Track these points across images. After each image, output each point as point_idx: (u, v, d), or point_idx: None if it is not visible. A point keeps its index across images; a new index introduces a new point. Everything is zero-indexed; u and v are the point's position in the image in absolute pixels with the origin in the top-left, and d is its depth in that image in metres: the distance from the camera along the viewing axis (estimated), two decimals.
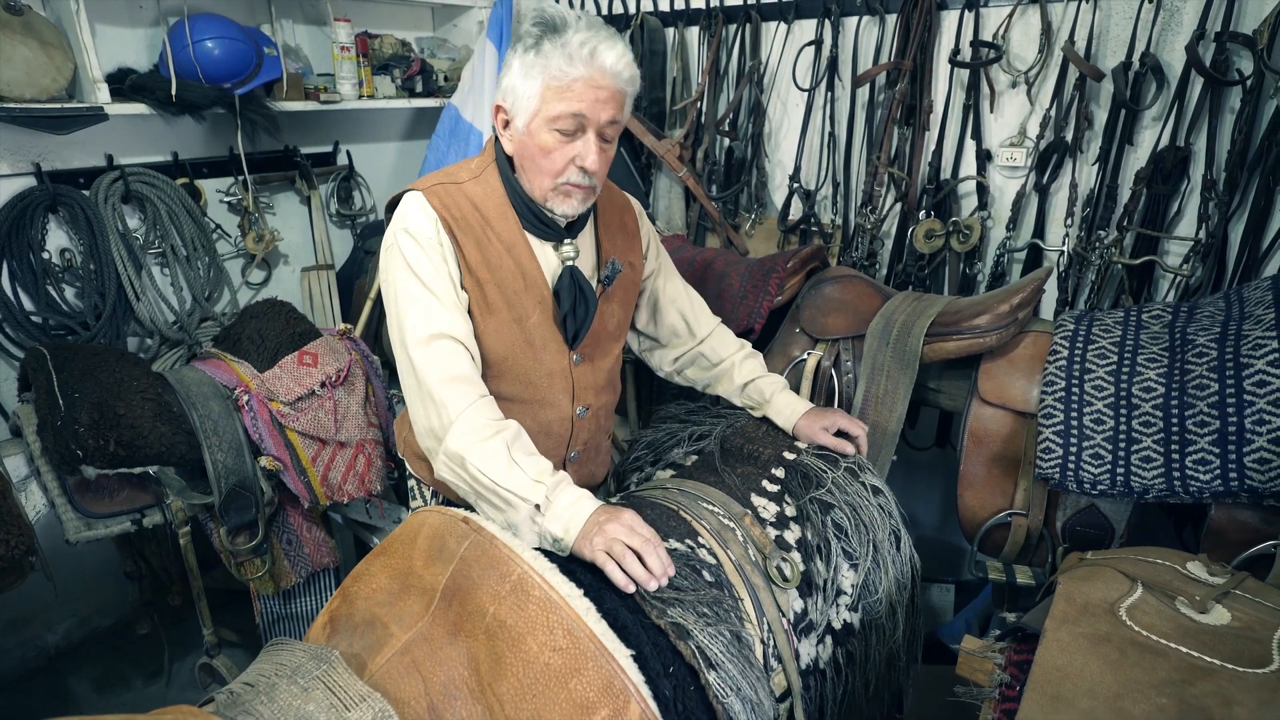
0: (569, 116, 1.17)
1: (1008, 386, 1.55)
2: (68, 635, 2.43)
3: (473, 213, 1.26)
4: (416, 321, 1.20)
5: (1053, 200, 1.99)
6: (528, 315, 1.30)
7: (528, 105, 1.19)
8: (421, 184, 1.27)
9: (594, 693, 0.85)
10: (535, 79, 1.17)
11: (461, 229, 1.24)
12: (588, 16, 1.19)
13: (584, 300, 1.31)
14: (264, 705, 0.83)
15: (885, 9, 2.10)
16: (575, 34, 1.15)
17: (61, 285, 2.12)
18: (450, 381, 1.18)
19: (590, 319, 1.33)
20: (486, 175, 1.29)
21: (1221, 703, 0.92)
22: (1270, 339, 1.25)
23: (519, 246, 1.29)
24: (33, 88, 1.85)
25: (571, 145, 1.20)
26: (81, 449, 1.51)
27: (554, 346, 1.34)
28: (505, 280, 1.27)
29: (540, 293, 1.30)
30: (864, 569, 1.29)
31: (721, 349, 1.57)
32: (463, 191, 1.27)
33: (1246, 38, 1.62)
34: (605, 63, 1.16)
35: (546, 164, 1.21)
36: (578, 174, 1.22)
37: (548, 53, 1.15)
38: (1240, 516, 1.30)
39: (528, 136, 1.21)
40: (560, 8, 1.24)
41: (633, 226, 1.47)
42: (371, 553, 1.06)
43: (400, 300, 1.22)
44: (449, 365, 1.19)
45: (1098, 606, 1.12)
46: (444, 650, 0.90)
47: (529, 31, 1.18)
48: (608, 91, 1.18)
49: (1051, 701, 0.99)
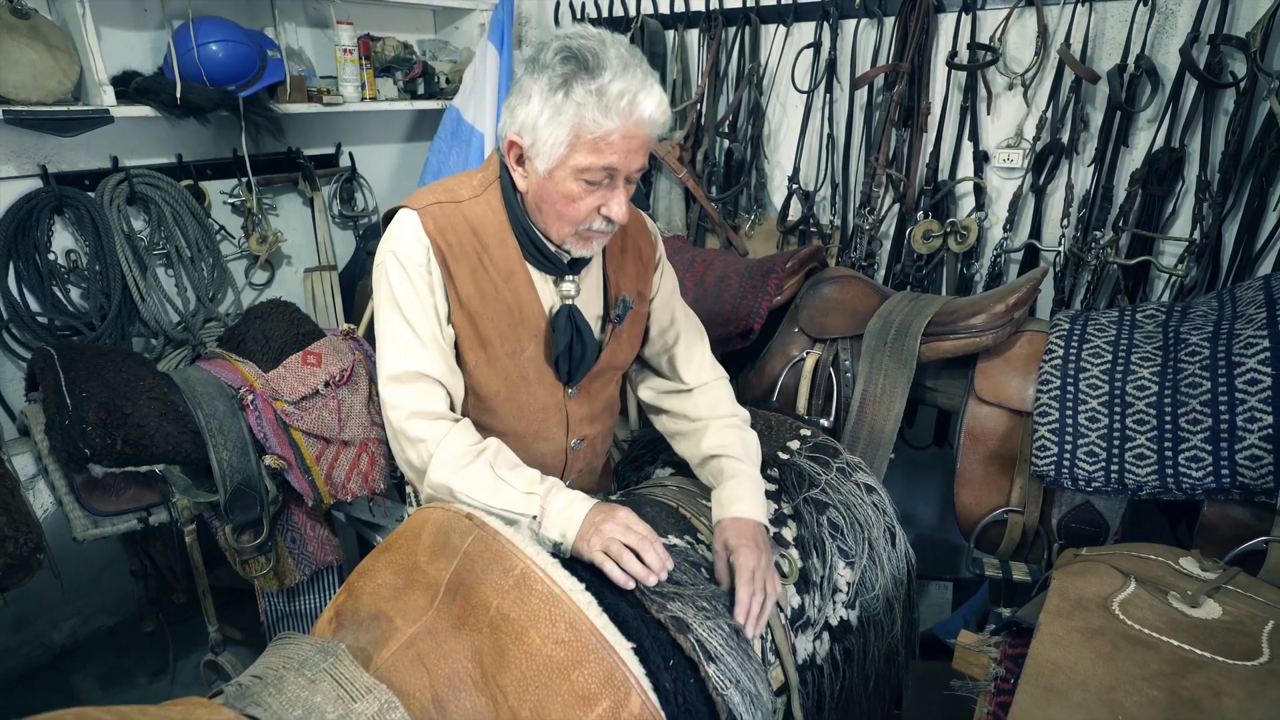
0: (600, 169, 1.09)
1: (1004, 385, 1.57)
2: (73, 633, 2.44)
3: (470, 237, 1.18)
4: (393, 357, 1.16)
5: (1049, 201, 2.01)
6: (522, 349, 1.24)
7: (552, 151, 1.08)
8: (418, 201, 1.19)
9: (596, 684, 0.87)
10: (563, 126, 1.06)
11: (455, 256, 1.17)
12: (618, 46, 1.07)
13: (580, 342, 1.24)
14: (272, 697, 0.85)
15: (883, 11, 2.12)
16: (613, 80, 1.03)
17: (67, 286, 2.14)
18: (423, 417, 1.15)
19: (587, 361, 1.27)
20: (489, 195, 1.21)
21: (1211, 694, 0.94)
22: (1261, 337, 1.27)
23: (517, 276, 1.21)
24: (39, 90, 1.87)
25: (597, 194, 1.12)
26: (89, 447, 1.53)
27: (549, 380, 1.29)
28: (498, 313, 1.21)
29: (537, 325, 1.24)
30: (860, 566, 1.31)
31: (705, 408, 1.37)
32: (461, 212, 1.19)
33: (1240, 40, 1.63)
34: (644, 113, 1.06)
35: (569, 212, 1.13)
36: (602, 222, 1.15)
37: (580, 100, 1.04)
38: (1232, 513, 1.32)
39: (549, 182, 1.12)
40: (590, 38, 1.07)
41: (648, 253, 1.37)
42: (376, 549, 1.08)
43: (380, 329, 1.19)
44: (421, 403, 1.16)
45: (1091, 601, 1.14)
46: (448, 643, 0.92)
47: (553, 66, 1.06)
48: (641, 140, 1.09)
49: (1045, 694, 1.00)
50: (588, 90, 1.04)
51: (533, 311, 1.23)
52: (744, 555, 1.12)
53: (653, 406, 1.46)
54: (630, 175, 1.13)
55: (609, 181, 1.11)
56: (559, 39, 1.08)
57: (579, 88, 1.04)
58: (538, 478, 1.13)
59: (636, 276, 1.34)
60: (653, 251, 1.38)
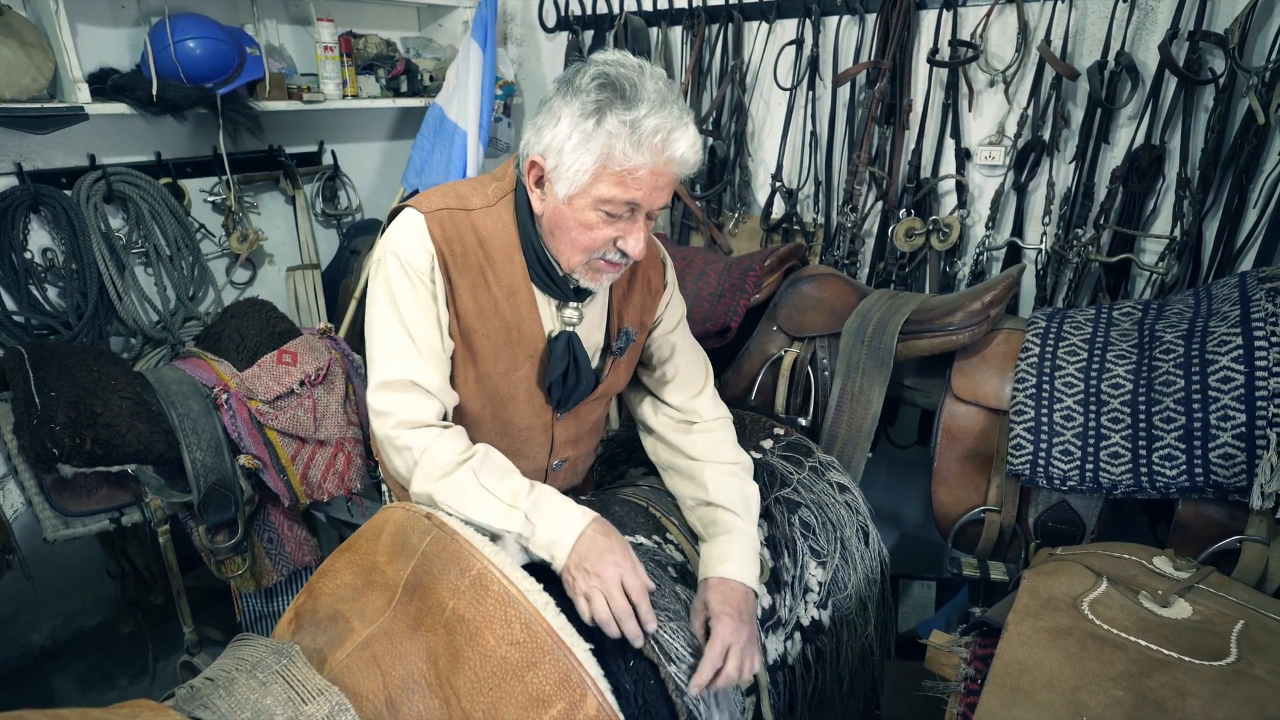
0: (622, 203, 1.05)
1: (980, 384, 1.56)
2: (52, 635, 2.43)
3: (475, 249, 1.14)
4: (386, 363, 1.12)
5: (1031, 199, 2.00)
6: (515, 368, 1.21)
7: (575, 179, 1.05)
8: (428, 203, 1.14)
9: (550, 686, 0.85)
10: (591, 154, 1.02)
11: (458, 268, 1.13)
12: (656, 79, 1.04)
13: (575, 371, 1.21)
14: (222, 699, 0.84)
15: (865, 8, 2.11)
16: (649, 114, 1.00)
17: (44, 285, 2.12)
18: (410, 425, 1.11)
19: (580, 391, 1.23)
20: (500, 208, 1.16)
21: (1176, 694, 0.93)
22: (1234, 335, 1.26)
23: (520, 294, 1.17)
24: (12, 88, 1.85)
25: (615, 225, 1.08)
26: (57, 447, 1.51)
27: (538, 402, 1.25)
28: (494, 330, 1.17)
29: (534, 346, 1.21)
30: (832, 566, 1.30)
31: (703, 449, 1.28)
32: (470, 220, 1.14)
33: (1218, 37, 1.63)
34: (676, 152, 1.03)
35: (583, 240, 1.09)
36: (615, 254, 1.11)
37: (613, 130, 1.00)
38: (1206, 512, 1.31)
39: (567, 208, 1.08)
40: (628, 67, 1.04)
41: (656, 283, 1.32)
42: (337, 549, 1.07)
43: (375, 331, 1.13)
44: (410, 412, 1.11)
45: (1061, 601, 1.13)
46: (404, 645, 0.91)
47: (588, 91, 1.02)
48: (668, 179, 1.06)
49: (1011, 694, 0.99)
50: (621, 121, 1.00)
51: (531, 332, 1.20)
52: (723, 626, 1.04)
53: (647, 428, 1.37)
54: (652, 212, 1.09)
55: (629, 215, 1.08)
56: (596, 64, 1.04)
57: (612, 117, 1.01)
58: (525, 488, 1.07)
59: (642, 307, 1.30)
60: (662, 280, 1.33)
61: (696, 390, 1.33)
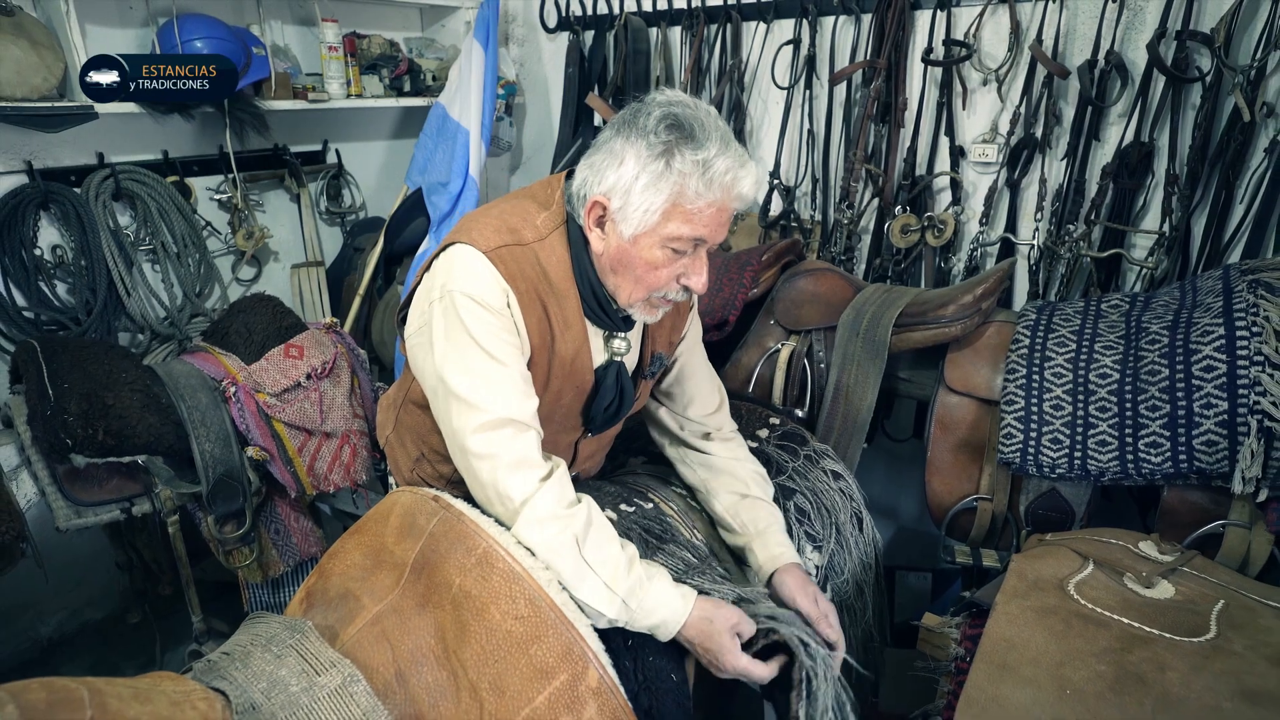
0: (689, 240, 1.08)
1: (973, 375, 1.59)
2: (60, 627, 2.46)
3: (542, 283, 1.14)
4: (481, 402, 1.06)
5: (1023, 195, 2.04)
6: (561, 397, 1.22)
7: (643, 218, 1.06)
8: (483, 241, 1.11)
9: (554, 658, 0.89)
10: (660, 194, 1.05)
11: (526, 304, 1.12)
12: (717, 119, 1.07)
13: (619, 399, 1.25)
14: (239, 671, 0.88)
15: (861, 9, 2.14)
16: (719, 155, 1.03)
17: (53, 281, 2.16)
18: (513, 468, 1.06)
19: (620, 417, 1.27)
20: (554, 241, 1.16)
21: (1156, 668, 0.97)
22: (1217, 325, 1.30)
23: (576, 328, 1.18)
24: (24, 87, 1.89)
25: (679, 262, 1.11)
26: (70, 437, 1.55)
27: (571, 424, 1.29)
28: (552, 364, 1.18)
29: (584, 378, 1.23)
30: (828, 551, 1.33)
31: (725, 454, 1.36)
32: (531, 255, 1.13)
33: (1205, 36, 1.66)
34: (743, 190, 1.07)
35: (650, 278, 1.11)
36: (677, 291, 1.14)
37: (683, 171, 1.03)
38: (1191, 497, 1.34)
39: (632, 246, 1.09)
40: (693, 107, 1.07)
41: (685, 306, 1.34)
42: (347, 531, 1.11)
43: (455, 373, 1.08)
44: (514, 451, 1.07)
45: (1048, 582, 1.17)
46: (412, 620, 0.94)
47: (655, 131, 1.04)
48: (729, 215, 1.10)
49: (998, 670, 1.03)
50: (694, 161, 1.03)
51: (583, 365, 1.22)
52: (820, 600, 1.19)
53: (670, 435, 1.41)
54: (712, 248, 1.13)
55: (693, 251, 1.11)
56: (660, 105, 1.07)
57: (679, 158, 1.03)
58: (624, 566, 1.04)
59: (672, 327, 1.33)
60: (689, 302, 1.36)
61: (714, 406, 1.39)
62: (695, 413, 1.38)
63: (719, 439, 1.37)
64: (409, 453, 1.40)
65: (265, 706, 0.82)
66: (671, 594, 1.04)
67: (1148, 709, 0.92)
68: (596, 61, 2.67)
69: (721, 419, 1.39)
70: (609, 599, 1.00)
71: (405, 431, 1.40)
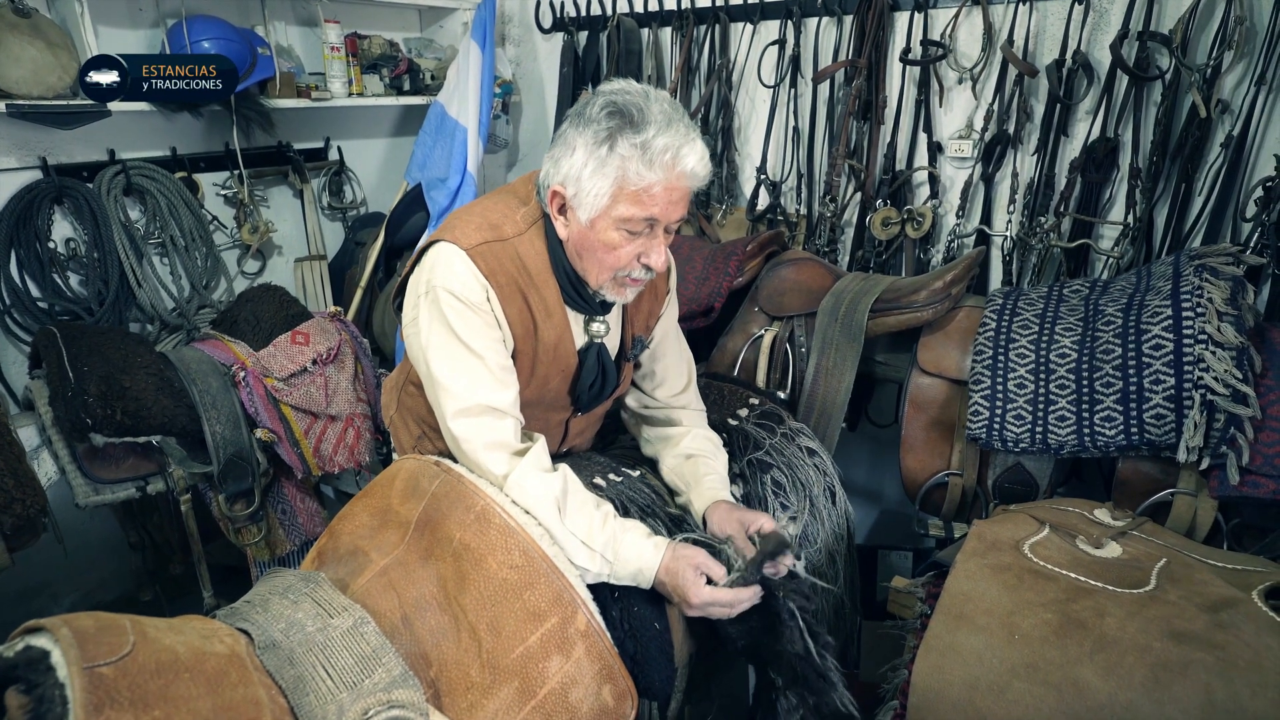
0: (641, 220, 1.13)
1: (943, 357, 1.68)
2: (73, 608, 2.54)
3: (521, 276, 1.21)
4: (459, 391, 1.16)
5: (998, 189, 2.13)
6: (548, 381, 1.30)
7: (594, 202, 1.13)
8: (465, 239, 1.18)
9: (545, 603, 0.98)
10: (606, 178, 1.10)
11: (507, 297, 1.20)
12: (661, 102, 1.12)
13: (602, 379, 1.32)
14: (259, 614, 0.97)
15: (843, 10, 2.23)
16: (657, 135, 1.08)
17: (67, 273, 2.24)
18: (489, 448, 1.15)
19: (605, 394, 1.35)
20: (533, 235, 1.23)
21: (1096, 615, 1.06)
22: (1166, 307, 1.39)
23: (557, 315, 1.25)
24: (39, 86, 1.97)
25: (637, 242, 1.16)
26: (90, 417, 1.64)
27: (560, 405, 1.37)
28: (537, 351, 1.26)
29: (568, 363, 1.30)
30: (802, 521, 1.42)
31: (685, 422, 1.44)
32: (511, 250, 1.20)
33: (1164, 37, 1.75)
34: (687, 167, 1.11)
35: (609, 259, 1.17)
36: (640, 270, 1.19)
37: (624, 154, 1.08)
38: (1143, 468, 1.44)
39: (590, 230, 1.16)
40: (634, 94, 1.12)
41: (662, 288, 1.41)
42: (355, 496, 1.20)
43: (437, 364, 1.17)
44: (490, 435, 1.16)
45: (1005, 543, 1.26)
46: (417, 572, 1.03)
47: (598, 120, 1.10)
48: (682, 193, 1.14)
49: (956, 620, 1.12)
50: (632, 144, 1.08)
51: (567, 350, 1.29)
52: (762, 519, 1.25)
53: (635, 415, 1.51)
54: (669, 225, 1.17)
55: (649, 231, 1.15)
56: (604, 94, 1.13)
57: (623, 141, 1.08)
58: (599, 524, 1.12)
59: (649, 311, 1.39)
60: (666, 285, 1.43)
61: (681, 387, 1.46)
62: (663, 394, 1.45)
63: (682, 418, 1.44)
64: (411, 431, 1.49)
65: (284, 644, 0.91)
66: (645, 544, 1.13)
67: (1086, 649, 1.01)
68: (590, 61, 2.76)
69: (688, 397, 1.46)
70: (589, 555, 1.09)
71: (407, 411, 1.49)
